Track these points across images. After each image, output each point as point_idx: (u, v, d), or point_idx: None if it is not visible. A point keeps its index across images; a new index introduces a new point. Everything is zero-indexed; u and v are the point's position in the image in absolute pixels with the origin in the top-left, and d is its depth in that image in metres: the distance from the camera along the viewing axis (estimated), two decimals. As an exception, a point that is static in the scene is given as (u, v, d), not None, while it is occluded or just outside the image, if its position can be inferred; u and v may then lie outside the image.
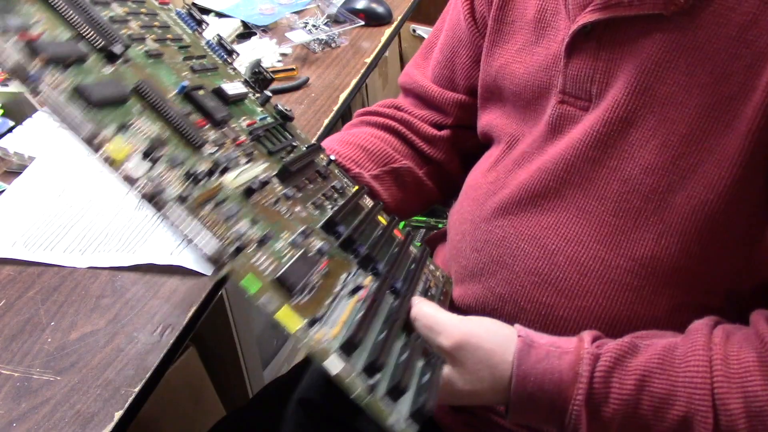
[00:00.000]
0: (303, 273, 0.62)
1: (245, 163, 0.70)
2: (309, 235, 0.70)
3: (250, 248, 0.60)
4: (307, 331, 0.59)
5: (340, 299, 0.66)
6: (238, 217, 0.62)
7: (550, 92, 0.80)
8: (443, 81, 0.99)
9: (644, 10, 0.69)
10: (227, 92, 0.76)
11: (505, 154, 0.86)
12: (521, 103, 0.84)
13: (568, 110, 0.78)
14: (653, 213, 0.72)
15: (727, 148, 0.68)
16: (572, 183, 0.77)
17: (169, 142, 0.62)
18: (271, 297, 0.58)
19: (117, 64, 0.64)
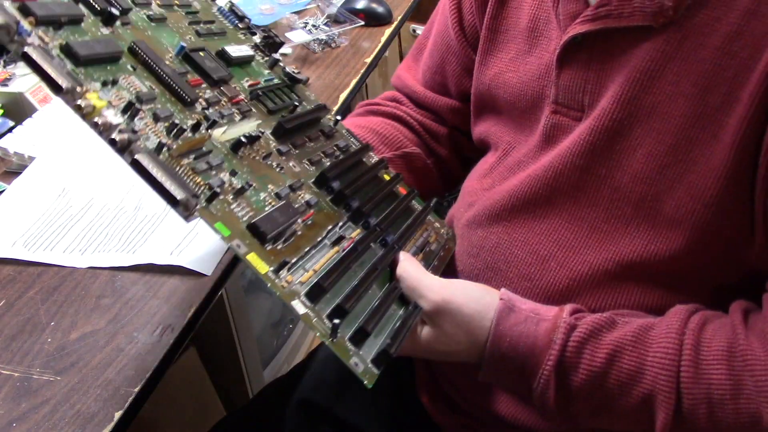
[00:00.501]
0: (279, 222, 0.64)
1: (240, 119, 0.73)
2: (298, 188, 0.72)
3: (227, 196, 0.63)
4: (277, 274, 0.61)
5: (321, 248, 0.68)
6: (220, 168, 0.65)
7: (544, 102, 0.80)
8: (435, 86, 1.00)
9: (634, 22, 0.70)
10: (231, 54, 0.80)
11: (501, 161, 0.87)
12: (516, 112, 0.85)
13: (561, 120, 0.78)
14: (643, 220, 0.73)
15: (713, 158, 0.68)
16: (562, 191, 0.78)
17: (159, 98, 0.65)
18: (240, 242, 0.61)
19: (115, 26, 0.68)
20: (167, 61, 0.71)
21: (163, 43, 0.73)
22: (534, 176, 0.79)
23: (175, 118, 0.65)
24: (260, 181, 0.68)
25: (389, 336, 0.64)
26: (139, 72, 0.66)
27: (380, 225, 0.76)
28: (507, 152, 0.86)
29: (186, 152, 0.63)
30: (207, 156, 0.65)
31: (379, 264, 0.71)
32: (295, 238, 0.66)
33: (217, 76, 0.74)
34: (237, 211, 0.63)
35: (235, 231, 0.61)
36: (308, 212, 0.70)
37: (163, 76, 0.67)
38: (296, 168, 0.75)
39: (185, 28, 0.80)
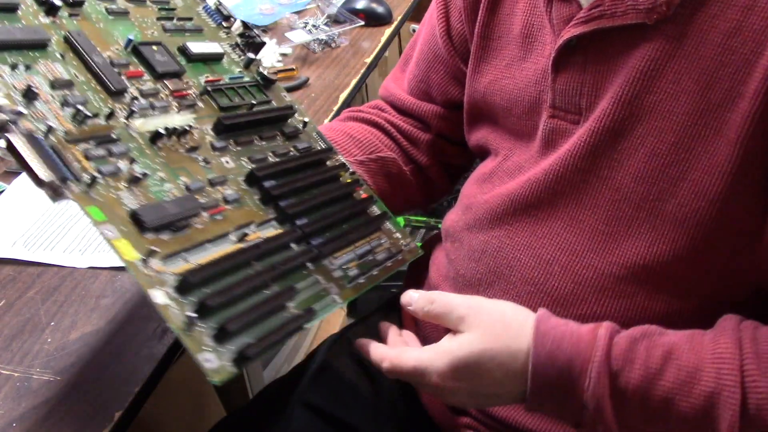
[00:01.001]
0: (169, 213, 0.63)
1: (177, 112, 0.73)
2: (219, 183, 0.71)
3: (119, 183, 0.63)
4: (145, 263, 0.60)
5: (220, 243, 0.67)
6: (123, 156, 0.65)
7: (541, 107, 0.80)
8: (420, 94, 0.99)
9: (628, 21, 0.69)
10: (191, 50, 0.81)
11: (500, 166, 0.86)
12: (513, 118, 0.84)
13: (559, 124, 0.78)
14: (645, 221, 0.73)
15: (716, 156, 0.68)
16: (563, 193, 0.77)
17: (80, 86, 0.67)
18: (112, 228, 0.60)
19: (59, 16, 0.71)
20: (111, 52, 0.73)
21: (114, 35, 0.75)
22: (534, 180, 0.79)
23: (90, 105, 0.66)
24: (172, 172, 0.68)
25: (256, 337, 0.62)
26: (68, 60, 0.68)
27: (308, 226, 0.74)
28: (507, 157, 0.86)
29: (87, 138, 0.64)
30: (112, 143, 0.65)
31: (282, 263, 0.69)
32: (192, 230, 0.65)
33: (162, 69, 0.75)
34: (126, 199, 0.63)
35: (115, 217, 0.61)
36: (218, 207, 0.69)
37: (90, 64, 0.69)
38: (229, 164, 0.74)
39: (151, 23, 0.81)
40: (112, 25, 0.76)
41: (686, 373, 0.65)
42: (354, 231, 0.79)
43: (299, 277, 0.71)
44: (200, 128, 0.75)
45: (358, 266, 0.77)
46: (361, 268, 0.77)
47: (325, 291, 0.72)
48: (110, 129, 0.66)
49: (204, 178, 0.70)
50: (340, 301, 0.72)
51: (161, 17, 0.83)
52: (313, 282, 0.71)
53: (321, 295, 0.71)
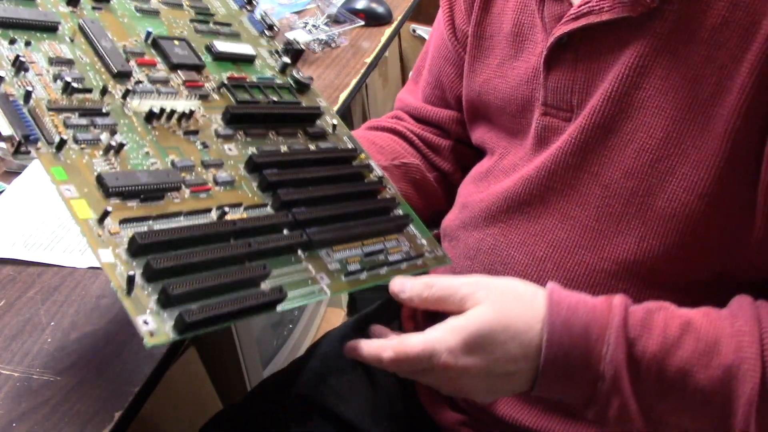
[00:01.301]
0: (140, 181, 0.62)
1: (185, 98, 0.73)
2: (213, 166, 0.70)
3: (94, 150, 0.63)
4: (99, 223, 0.59)
5: (194, 217, 0.65)
6: (106, 128, 0.65)
7: (534, 105, 0.81)
8: (436, 100, 1.00)
9: (614, 14, 0.70)
10: (216, 48, 0.81)
11: (496, 165, 0.87)
12: (507, 117, 0.85)
13: (552, 122, 0.78)
14: (634, 217, 0.73)
15: (704, 150, 0.68)
16: (555, 190, 0.78)
17: (83, 66, 0.69)
18: (72, 187, 0.59)
19: (80, 6, 0.74)
20: (128, 42, 0.74)
21: (138, 30, 0.77)
22: (527, 177, 0.80)
23: (87, 82, 0.67)
24: (161, 150, 0.68)
25: (204, 305, 0.59)
26: (77, 44, 0.70)
27: (304, 215, 0.71)
28: (503, 156, 0.87)
29: (71, 108, 0.64)
30: (98, 116, 0.66)
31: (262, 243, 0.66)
32: (166, 202, 0.64)
33: (177, 60, 0.75)
34: (98, 165, 0.62)
35: (78, 179, 0.60)
36: (204, 185, 0.67)
37: (97, 47, 0.70)
38: (231, 151, 0.73)
39: (183, 24, 0.82)
40: (138, 21, 0.78)
41: (705, 345, 0.64)
42: (365, 228, 0.75)
43: (284, 261, 0.67)
44: (208, 116, 0.74)
45: (361, 263, 0.73)
46: (364, 265, 0.73)
47: (314, 280, 0.68)
48: (101, 104, 0.67)
49: (197, 159, 0.69)
50: (328, 291, 0.68)
51: (196, 19, 0.84)
52: (301, 269, 0.68)
53: (305, 283, 0.67)
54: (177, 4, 0.84)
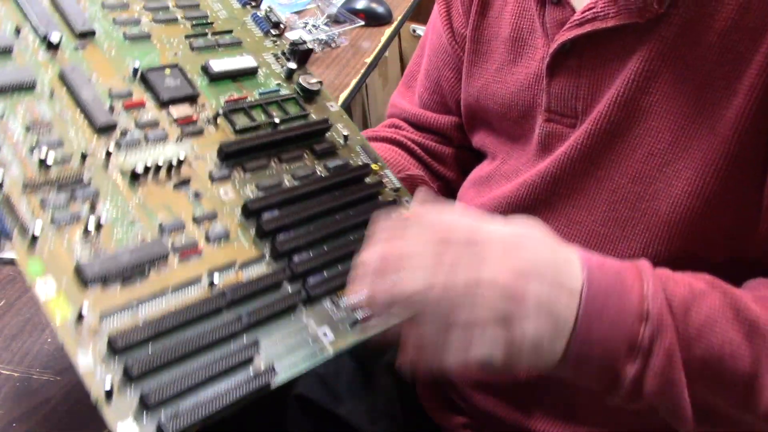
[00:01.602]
0: (121, 263, 0.59)
1: (175, 141, 0.70)
2: (207, 219, 0.66)
3: (74, 230, 0.60)
4: (78, 322, 0.56)
5: (184, 290, 0.62)
6: (87, 200, 0.62)
7: (536, 111, 0.80)
8: (435, 106, 0.98)
9: (621, 21, 0.69)
10: (212, 68, 0.76)
11: (498, 170, 0.86)
12: (507, 122, 0.84)
13: (556, 128, 0.78)
14: (639, 221, 0.73)
15: (711, 153, 0.68)
16: (560, 195, 0.77)
17: (60, 126, 0.65)
18: (52, 281, 0.57)
19: (62, 49, 0.70)
20: (115, 81, 0.70)
21: (126, 62, 0.73)
22: (530, 182, 0.79)
23: (67, 145, 0.64)
24: (148, 213, 0.64)
25: (186, 407, 0.57)
26: (58, 97, 0.67)
27: (304, 264, 0.67)
28: (504, 161, 0.86)
29: (49, 184, 0.61)
30: (79, 188, 0.62)
31: (254, 313, 0.62)
32: (152, 278, 0.61)
33: (168, 96, 0.71)
34: (77, 248, 0.59)
35: (57, 270, 0.58)
36: (193, 248, 0.64)
37: (79, 99, 0.67)
38: (227, 195, 0.69)
39: (177, 43, 0.77)
40: (127, 50, 0.74)
41: (731, 299, 0.62)
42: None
43: (282, 323, 0.64)
44: (203, 156, 0.70)
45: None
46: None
47: (315, 339, 0.65)
48: (81, 171, 0.64)
49: (188, 215, 0.66)
50: (330, 350, 0.64)
51: (192, 34, 0.79)
52: (301, 327, 0.65)
53: (305, 344, 0.64)
54: (171, 19, 0.79)
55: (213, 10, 0.82)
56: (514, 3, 0.81)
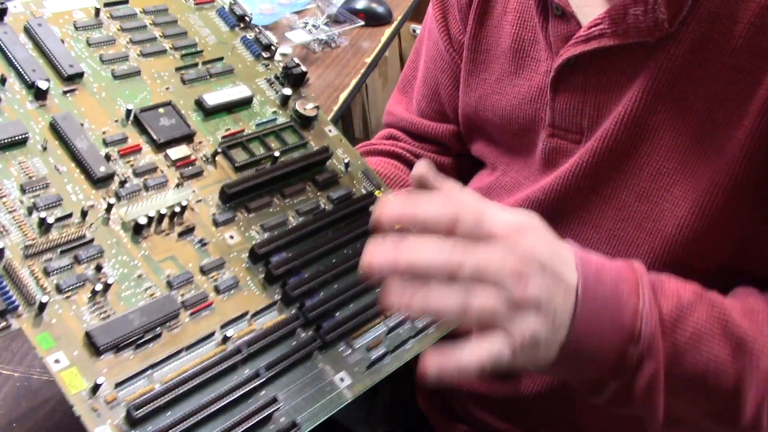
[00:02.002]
0: (133, 326, 0.58)
1: (176, 186, 0.68)
2: (215, 268, 0.65)
3: (81, 296, 0.59)
4: (93, 394, 0.55)
5: (197, 349, 0.61)
6: (93, 260, 0.61)
7: (539, 125, 0.78)
8: (433, 114, 0.96)
9: (629, 39, 0.68)
10: (207, 103, 0.74)
11: (498, 181, 0.86)
12: (508, 135, 0.83)
13: (560, 143, 0.77)
14: (644, 241, 0.72)
15: (719, 175, 0.67)
16: (565, 211, 0.77)
17: (57, 182, 0.63)
18: (63, 355, 0.56)
19: (51, 96, 0.68)
20: (108, 126, 0.68)
21: (118, 103, 0.71)
22: (534, 198, 0.78)
23: (66, 202, 0.62)
24: (155, 266, 0.63)
25: None
26: (51, 150, 0.65)
27: (316, 308, 0.65)
28: (505, 172, 0.85)
29: (51, 247, 0.60)
30: (81, 248, 0.61)
31: (270, 366, 0.61)
32: (165, 338, 0.60)
33: (164, 138, 0.69)
34: (85, 314, 0.58)
35: (67, 341, 0.56)
36: (204, 302, 0.62)
37: (74, 150, 0.65)
38: (234, 239, 0.68)
39: (168, 76, 0.75)
40: (117, 90, 0.72)
41: (719, 312, 0.62)
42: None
43: (299, 371, 0.63)
44: (204, 199, 0.69)
45: (385, 342, 0.68)
46: (389, 345, 0.68)
47: (332, 384, 0.64)
48: (83, 229, 0.62)
49: (196, 265, 0.64)
50: (349, 396, 0.64)
51: (182, 66, 0.77)
52: (317, 375, 0.64)
53: (323, 393, 0.63)
54: (160, 51, 0.76)
55: (201, 36, 0.80)
56: (515, 12, 0.79)
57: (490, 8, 0.82)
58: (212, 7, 0.84)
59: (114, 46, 0.74)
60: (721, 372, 0.60)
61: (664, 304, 0.60)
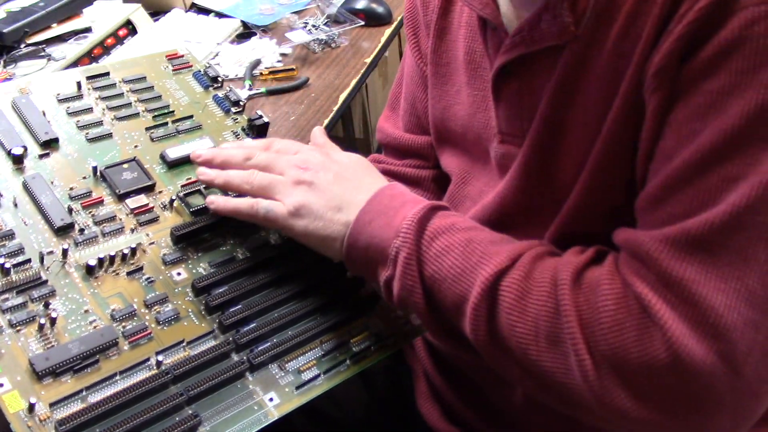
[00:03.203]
0: (71, 354, 0.66)
1: (131, 232, 0.77)
2: (158, 302, 0.72)
3: (29, 328, 0.67)
4: (30, 413, 0.62)
5: (133, 373, 0.68)
6: (42, 299, 0.69)
7: (490, 132, 0.82)
8: (414, 128, 1.00)
9: (544, 44, 0.72)
10: (168, 156, 0.83)
11: (460, 190, 0.89)
12: (469, 143, 0.86)
13: (508, 149, 0.80)
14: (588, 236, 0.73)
15: (599, 154, 0.70)
16: (517, 213, 0.80)
17: (22, 233, 0.73)
18: (3, 381, 0.63)
19: (28, 159, 0.79)
20: (76, 183, 0.78)
21: (88, 162, 0.81)
22: (494, 205, 0.81)
23: (28, 249, 0.72)
24: (101, 301, 0.71)
25: None
26: (21, 206, 0.75)
27: (249, 334, 0.72)
28: (465, 181, 0.88)
29: (9, 289, 0.69)
30: (35, 288, 0.70)
31: (197, 385, 0.67)
32: (103, 364, 0.67)
33: (125, 189, 0.79)
34: (32, 344, 0.66)
35: (13, 367, 0.64)
36: (143, 332, 0.70)
37: (40, 204, 0.75)
38: (180, 276, 0.75)
39: (138, 136, 0.85)
40: (89, 151, 0.82)
41: (469, 236, 0.71)
42: (324, 324, 0.75)
43: (229, 391, 0.69)
44: (157, 242, 0.77)
45: (319, 365, 0.74)
46: (322, 367, 0.73)
47: (261, 404, 0.69)
48: (40, 272, 0.71)
49: (140, 300, 0.72)
50: (276, 414, 0.69)
51: (152, 125, 0.86)
52: (247, 395, 0.69)
53: (251, 411, 0.69)
54: (133, 114, 0.86)
55: (175, 98, 0.89)
56: (467, 26, 0.83)
57: (447, 23, 0.87)
58: (189, 71, 0.93)
59: (91, 113, 0.84)
60: (459, 281, 0.69)
61: (436, 221, 0.71)
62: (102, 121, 0.84)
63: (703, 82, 0.61)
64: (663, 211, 0.63)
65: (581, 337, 0.62)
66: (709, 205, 0.60)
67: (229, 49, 1.55)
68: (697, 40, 0.60)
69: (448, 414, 0.92)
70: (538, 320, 0.65)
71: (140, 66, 0.92)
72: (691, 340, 0.59)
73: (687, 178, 0.62)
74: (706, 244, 0.60)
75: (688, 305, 0.60)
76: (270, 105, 1.40)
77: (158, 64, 0.93)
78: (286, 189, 0.75)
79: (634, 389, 0.61)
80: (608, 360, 0.61)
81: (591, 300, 0.63)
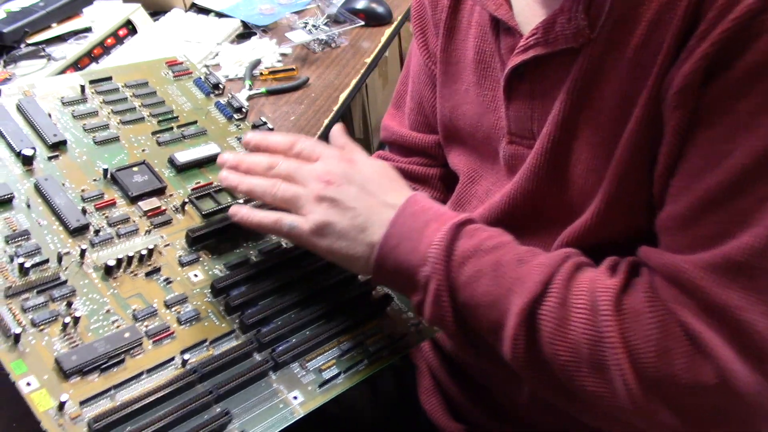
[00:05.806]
0: (97, 353, 0.66)
1: (145, 234, 0.77)
2: (179, 303, 0.73)
3: (53, 328, 0.66)
4: (60, 411, 0.62)
5: (158, 371, 0.68)
6: (64, 299, 0.69)
7: (500, 133, 0.82)
8: (420, 127, 1.00)
9: (559, 46, 0.72)
10: (177, 160, 0.83)
11: (468, 189, 0.90)
12: (476, 142, 0.87)
13: (517, 149, 0.80)
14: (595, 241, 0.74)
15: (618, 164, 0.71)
16: (526, 215, 0.80)
17: (37, 233, 0.72)
18: (34, 379, 0.63)
19: (37, 161, 0.78)
20: (87, 185, 0.78)
21: (97, 165, 0.80)
22: (501, 205, 0.82)
23: (44, 249, 0.71)
24: (122, 302, 0.71)
25: None
26: (34, 206, 0.74)
27: (270, 333, 0.73)
28: (473, 180, 0.89)
29: (28, 288, 0.68)
30: (56, 288, 0.69)
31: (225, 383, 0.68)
32: (128, 363, 0.67)
33: (137, 192, 0.78)
34: (56, 343, 0.66)
35: (39, 366, 0.64)
36: (166, 331, 0.70)
37: (53, 206, 0.74)
38: (197, 277, 0.75)
39: (144, 140, 0.85)
40: (97, 154, 0.81)
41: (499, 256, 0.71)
42: (340, 326, 0.77)
43: (254, 389, 0.70)
44: (171, 243, 0.77)
45: (338, 365, 0.74)
46: (342, 366, 0.74)
47: (285, 402, 0.70)
48: (59, 270, 0.70)
49: (160, 300, 0.72)
50: (301, 412, 0.70)
51: (158, 130, 0.86)
52: (271, 393, 0.70)
53: (276, 409, 0.69)
54: (138, 118, 0.86)
55: (178, 104, 0.90)
56: (477, 26, 0.84)
57: (457, 22, 0.87)
58: (189, 78, 0.94)
59: (96, 117, 0.84)
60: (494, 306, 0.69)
61: (462, 244, 0.70)
62: (108, 125, 0.84)
63: (733, 102, 0.61)
64: (693, 232, 0.65)
65: (629, 366, 0.63)
66: (745, 228, 0.61)
67: (229, 49, 1.55)
68: (723, 60, 0.61)
69: (452, 410, 0.93)
70: (580, 347, 0.65)
71: (141, 71, 0.92)
72: (738, 364, 0.61)
73: (719, 200, 0.62)
74: (747, 269, 0.61)
75: (733, 331, 0.61)
76: (270, 105, 1.39)
77: (159, 70, 0.93)
78: (309, 205, 0.74)
79: (681, 409, 0.64)
80: (657, 385, 0.63)
81: (635, 329, 0.64)
